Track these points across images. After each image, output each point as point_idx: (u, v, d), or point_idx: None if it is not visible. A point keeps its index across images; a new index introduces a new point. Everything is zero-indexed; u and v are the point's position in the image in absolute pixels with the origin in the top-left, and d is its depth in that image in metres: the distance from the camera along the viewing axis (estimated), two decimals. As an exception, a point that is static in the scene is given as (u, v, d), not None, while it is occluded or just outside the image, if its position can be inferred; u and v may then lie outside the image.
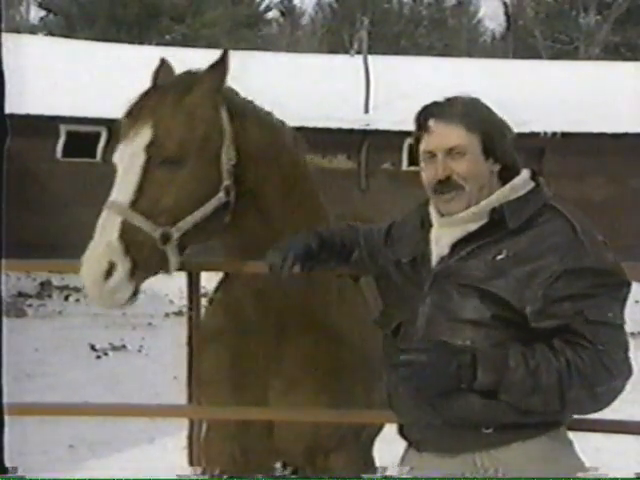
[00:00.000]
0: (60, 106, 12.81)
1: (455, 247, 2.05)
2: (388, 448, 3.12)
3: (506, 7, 36.64)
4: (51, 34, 28.36)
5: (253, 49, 22.17)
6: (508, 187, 2.05)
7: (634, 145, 13.64)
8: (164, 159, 2.31)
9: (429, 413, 2.01)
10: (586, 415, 2.07)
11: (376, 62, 14.82)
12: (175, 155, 2.31)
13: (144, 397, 6.10)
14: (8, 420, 2.06)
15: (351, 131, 13.63)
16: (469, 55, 30.00)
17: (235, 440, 2.84)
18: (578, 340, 1.89)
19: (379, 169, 13.90)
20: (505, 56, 30.55)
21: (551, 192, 2.09)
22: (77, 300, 11.84)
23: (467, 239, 2.04)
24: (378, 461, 3.42)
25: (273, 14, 41.03)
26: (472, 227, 2.04)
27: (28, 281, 11.92)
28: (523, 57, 26.00)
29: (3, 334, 2.03)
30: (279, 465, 3.00)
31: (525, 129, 13.33)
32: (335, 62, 16.89)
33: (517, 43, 33.97)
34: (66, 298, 11.89)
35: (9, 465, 2.17)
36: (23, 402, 3.14)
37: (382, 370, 2.73)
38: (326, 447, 2.80)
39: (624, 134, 13.71)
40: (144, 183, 2.29)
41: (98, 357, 8.72)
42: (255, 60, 16.11)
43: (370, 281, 2.89)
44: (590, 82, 15.43)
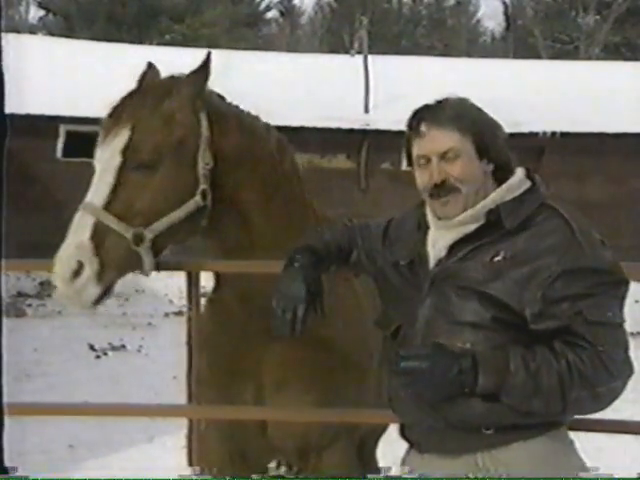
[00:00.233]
0: (60, 106, 12.80)
1: (452, 249, 2.04)
2: (389, 449, 3.12)
3: (506, 7, 36.68)
4: (50, 34, 28.35)
5: (253, 49, 22.21)
6: (504, 188, 2.04)
7: (634, 145, 13.64)
8: (139, 163, 2.36)
9: (431, 416, 2.00)
10: (587, 415, 2.07)
11: (376, 62, 14.80)
12: (150, 159, 2.36)
13: (143, 397, 6.11)
14: (7, 420, 2.05)
15: (351, 131, 13.61)
16: (469, 55, 29.99)
17: (230, 439, 2.85)
18: (578, 341, 1.89)
19: (379, 169, 13.89)
20: (505, 56, 30.55)
21: (547, 190, 2.08)
22: (77, 300, 11.85)
23: (464, 241, 2.03)
24: (379, 462, 3.42)
25: (273, 14, 41.10)
26: (469, 229, 2.03)
27: (28, 281, 11.92)
28: (523, 57, 26.01)
29: (3, 334, 2.02)
30: (273, 464, 3.00)
31: (525, 129, 13.33)
32: (335, 62, 16.89)
33: (517, 43, 33.98)
34: (66, 298, 11.89)
35: (9, 465, 2.16)
36: (23, 402, 3.14)
37: (373, 369, 2.73)
38: (318, 444, 2.79)
39: (624, 134, 13.70)
40: (119, 186, 2.35)
41: (98, 357, 8.72)
42: (255, 60, 16.11)
43: (368, 281, 2.88)
44: (590, 82, 15.42)
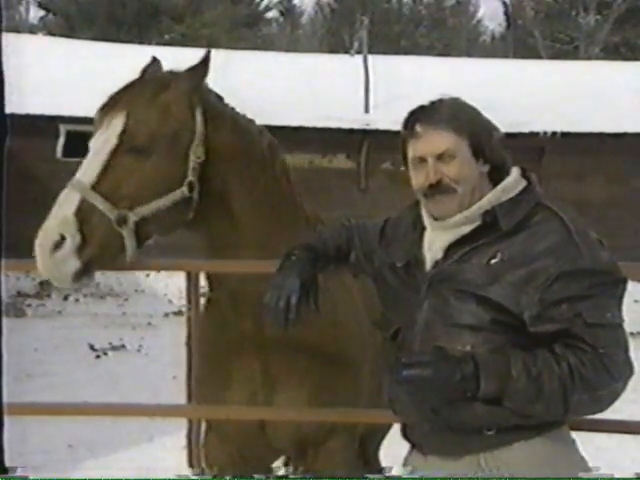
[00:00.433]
0: (60, 106, 12.80)
1: (449, 250, 2.04)
2: (390, 449, 3.12)
3: (506, 7, 36.64)
4: (51, 34, 28.34)
5: (253, 49, 22.20)
6: (499, 189, 2.04)
7: (634, 145, 13.64)
8: (132, 147, 2.41)
9: (431, 419, 2.00)
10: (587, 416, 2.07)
11: (376, 62, 14.81)
12: (143, 145, 2.41)
13: (143, 397, 6.11)
14: (7, 420, 2.05)
15: (351, 131, 13.61)
16: (469, 55, 29.99)
17: (230, 437, 2.87)
18: (578, 344, 1.88)
19: (379, 169, 13.88)
20: (505, 56, 30.53)
21: (543, 189, 2.07)
22: (76, 300, 11.85)
23: (460, 242, 2.02)
24: (381, 462, 3.42)
25: (273, 14, 41.07)
26: (465, 230, 2.02)
27: (27, 281, 11.91)
28: (523, 57, 25.99)
29: (3, 334, 2.03)
30: (279, 463, 3.01)
31: (525, 129, 13.34)
32: (335, 62, 16.88)
33: (517, 43, 33.95)
34: (65, 298, 11.90)
35: (9, 465, 2.16)
36: (23, 402, 3.14)
37: (366, 367, 2.73)
38: (315, 440, 2.81)
39: (624, 134, 13.70)
40: (109, 167, 2.39)
41: (97, 357, 8.72)
42: (255, 60, 16.11)
43: (367, 282, 2.88)
44: (590, 82, 15.42)
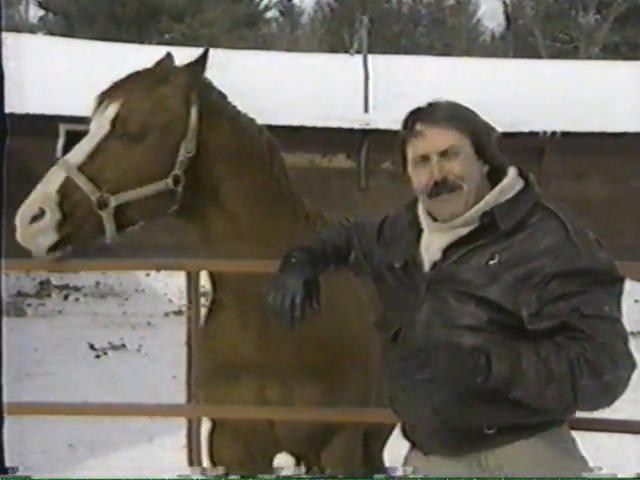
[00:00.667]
0: (60, 105, 12.78)
1: (447, 252, 2.03)
2: (391, 448, 3.13)
3: (506, 6, 36.64)
4: (50, 33, 28.35)
5: (252, 48, 22.19)
6: (497, 190, 2.03)
7: (634, 145, 13.62)
8: (123, 134, 2.48)
9: (432, 418, 2.00)
10: (588, 414, 2.06)
11: (376, 61, 14.80)
12: (134, 133, 2.48)
13: (143, 396, 6.09)
14: (7, 419, 2.05)
15: (351, 130, 13.60)
16: (469, 54, 29.95)
17: (238, 434, 2.89)
18: (578, 335, 1.88)
19: (379, 168, 13.87)
20: (505, 55, 30.54)
21: (541, 189, 2.07)
22: (77, 299, 11.84)
23: (458, 243, 2.02)
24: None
25: (272, 13, 41.08)
26: (463, 231, 2.02)
27: (27, 280, 11.91)
28: (523, 56, 25.98)
29: (3, 333, 2.03)
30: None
31: (525, 129, 13.33)
32: (335, 61, 16.88)
33: (517, 42, 33.96)
34: (65, 297, 11.89)
35: (9, 465, 2.16)
36: (23, 401, 3.14)
37: (374, 358, 2.73)
38: (324, 434, 2.83)
39: (624, 134, 13.68)
40: (98, 151, 2.47)
41: (97, 356, 8.71)
42: (255, 59, 16.11)
43: (367, 281, 2.89)
44: (590, 81, 15.41)
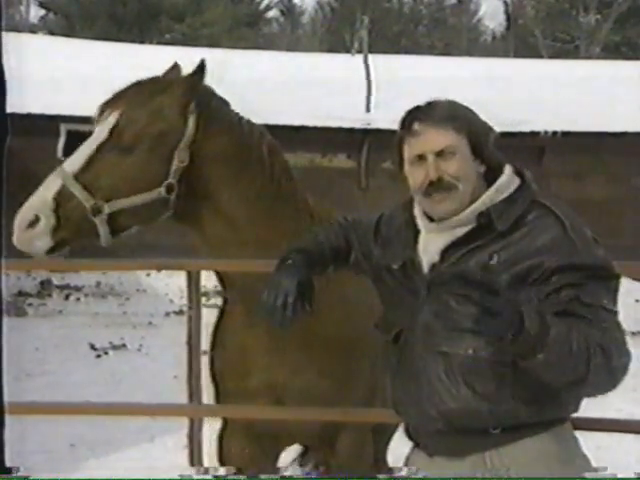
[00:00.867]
0: (60, 105, 12.79)
1: (445, 253, 2.03)
2: (394, 449, 3.13)
3: (506, 6, 36.68)
4: (51, 33, 28.38)
5: (253, 48, 22.22)
6: (493, 189, 2.03)
7: (634, 144, 13.62)
8: (119, 143, 2.56)
9: (435, 419, 2.00)
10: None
11: (377, 61, 14.81)
12: (129, 143, 2.56)
13: (144, 396, 6.10)
14: (8, 419, 2.05)
15: (351, 130, 13.60)
16: (469, 54, 29.98)
17: (251, 429, 2.96)
18: (583, 320, 1.87)
19: (380, 168, 13.86)
20: (505, 55, 30.56)
21: (537, 186, 2.07)
22: (77, 299, 11.85)
23: (456, 244, 2.01)
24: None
25: (273, 13, 41.13)
26: (460, 232, 2.02)
27: (28, 280, 11.92)
28: (523, 56, 26.02)
29: (3, 333, 2.03)
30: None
31: (525, 128, 13.33)
32: (335, 61, 16.90)
33: (517, 42, 33.99)
34: (66, 297, 11.90)
35: (9, 465, 2.16)
36: (23, 401, 3.14)
37: (378, 353, 2.74)
38: (336, 426, 2.89)
39: (624, 133, 13.68)
40: (94, 159, 2.57)
41: (98, 356, 8.72)
42: (255, 59, 16.12)
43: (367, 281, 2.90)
44: (590, 81, 15.42)
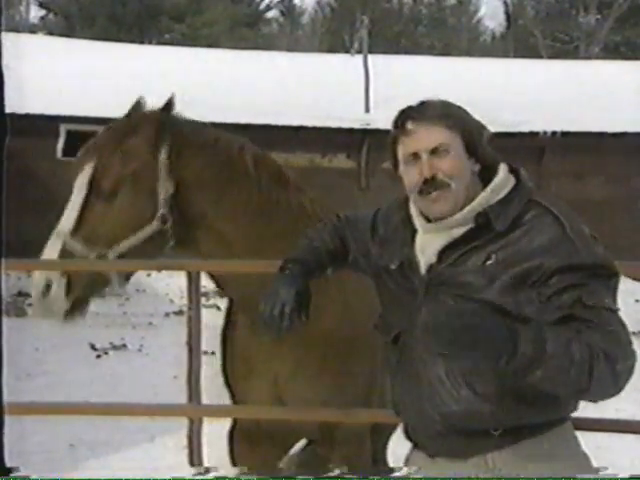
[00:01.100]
0: (60, 105, 12.80)
1: (442, 254, 2.02)
2: (394, 449, 3.13)
3: (506, 6, 36.67)
4: (51, 34, 28.37)
5: (253, 48, 22.20)
6: (489, 190, 2.02)
7: (634, 145, 13.62)
8: (100, 192, 2.68)
9: (436, 422, 2.00)
10: (587, 414, 2.06)
11: (376, 61, 14.81)
12: (109, 189, 2.67)
13: (144, 396, 6.10)
14: (8, 419, 2.06)
15: (351, 130, 13.61)
16: (469, 54, 29.99)
17: (258, 428, 3.01)
18: (588, 324, 1.86)
19: (379, 168, 13.86)
20: (505, 55, 30.56)
21: (533, 184, 2.06)
22: (77, 299, 11.84)
23: (454, 245, 2.00)
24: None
25: (273, 13, 41.14)
26: (457, 233, 2.00)
27: (28, 280, 11.83)
28: (523, 56, 26.02)
29: (3, 333, 2.03)
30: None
31: (525, 128, 13.34)
32: (335, 61, 16.91)
33: (517, 42, 33.98)
34: (66, 297, 11.89)
35: (9, 465, 2.17)
36: (23, 401, 3.14)
37: (377, 356, 2.72)
38: (334, 423, 2.91)
39: (624, 133, 13.68)
40: (84, 213, 2.68)
41: (98, 356, 8.71)
42: (255, 60, 16.11)
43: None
44: (590, 81, 15.42)
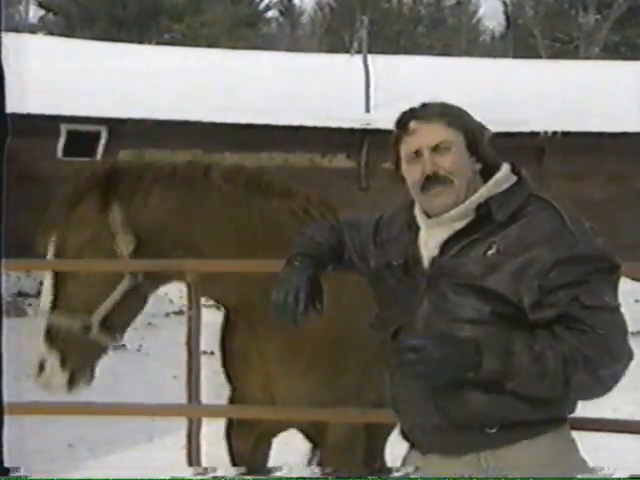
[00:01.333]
0: (60, 105, 12.79)
1: (445, 246, 2.04)
2: (392, 449, 3.13)
3: (506, 6, 36.68)
4: (51, 33, 28.34)
5: (253, 48, 22.19)
6: (491, 182, 2.06)
7: (634, 145, 13.61)
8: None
9: (434, 415, 2.00)
10: (586, 414, 2.07)
11: (376, 61, 14.80)
12: (74, 258, 2.78)
13: (144, 396, 6.09)
14: (7, 419, 2.05)
15: (351, 130, 13.60)
16: (469, 54, 29.96)
17: (247, 422, 3.10)
18: (578, 326, 1.88)
19: (379, 168, 13.85)
20: (505, 55, 30.54)
21: (541, 189, 2.08)
22: (77, 299, 11.84)
23: (456, 237, 2.03)
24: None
25: (273, 13, 41.09)
26: (459, 225, 2.04)
27: (28, 280, 11.90)
28: (523, 56, 25.99)
29: (3, 333, 2.03)
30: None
31: (525, 128, 13.32)
32: (335, 61, 16.89)
33: (517, 42, 33.98)
34: (66, 297, 11.88)
35: (9, 465, 2.16)
36: (23, 401, 3.14)
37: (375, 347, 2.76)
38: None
39: (624, 134, 13.67)
40: (57, 287, 2.78)
41: (98, 356, 8.71)
42: (255, 59, 16.11)
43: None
44: (590, 81, 15.42)
